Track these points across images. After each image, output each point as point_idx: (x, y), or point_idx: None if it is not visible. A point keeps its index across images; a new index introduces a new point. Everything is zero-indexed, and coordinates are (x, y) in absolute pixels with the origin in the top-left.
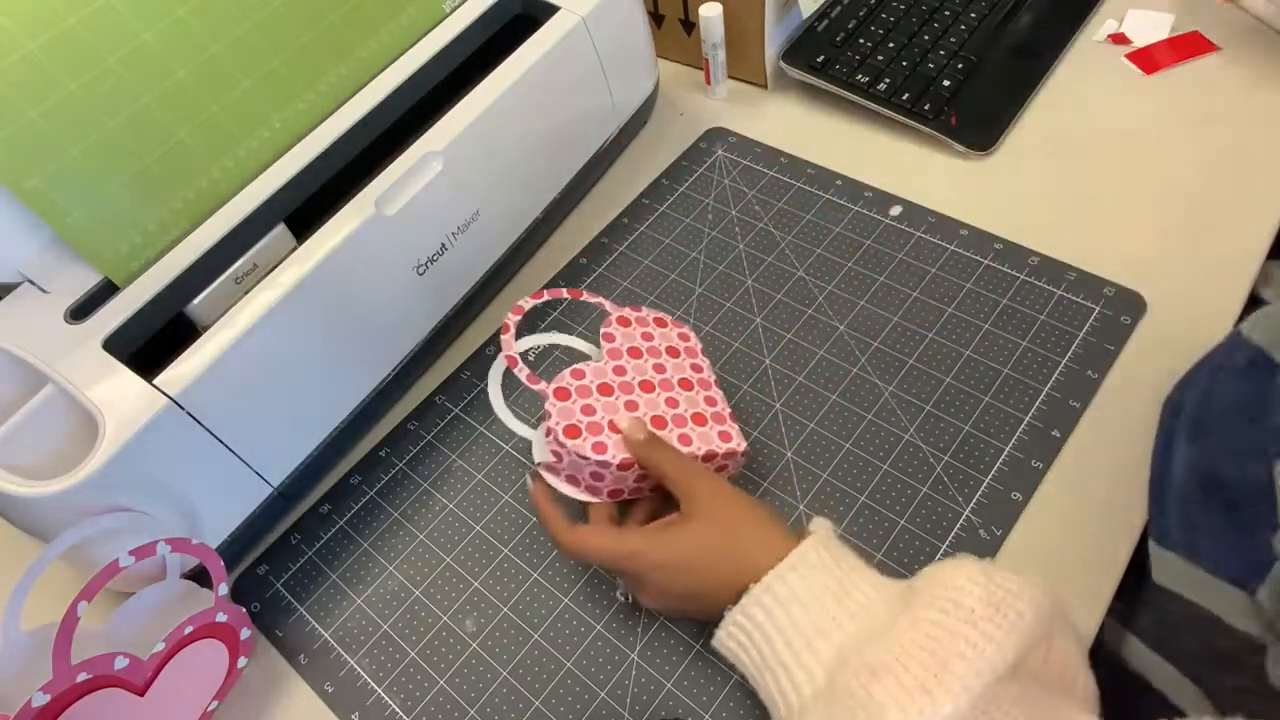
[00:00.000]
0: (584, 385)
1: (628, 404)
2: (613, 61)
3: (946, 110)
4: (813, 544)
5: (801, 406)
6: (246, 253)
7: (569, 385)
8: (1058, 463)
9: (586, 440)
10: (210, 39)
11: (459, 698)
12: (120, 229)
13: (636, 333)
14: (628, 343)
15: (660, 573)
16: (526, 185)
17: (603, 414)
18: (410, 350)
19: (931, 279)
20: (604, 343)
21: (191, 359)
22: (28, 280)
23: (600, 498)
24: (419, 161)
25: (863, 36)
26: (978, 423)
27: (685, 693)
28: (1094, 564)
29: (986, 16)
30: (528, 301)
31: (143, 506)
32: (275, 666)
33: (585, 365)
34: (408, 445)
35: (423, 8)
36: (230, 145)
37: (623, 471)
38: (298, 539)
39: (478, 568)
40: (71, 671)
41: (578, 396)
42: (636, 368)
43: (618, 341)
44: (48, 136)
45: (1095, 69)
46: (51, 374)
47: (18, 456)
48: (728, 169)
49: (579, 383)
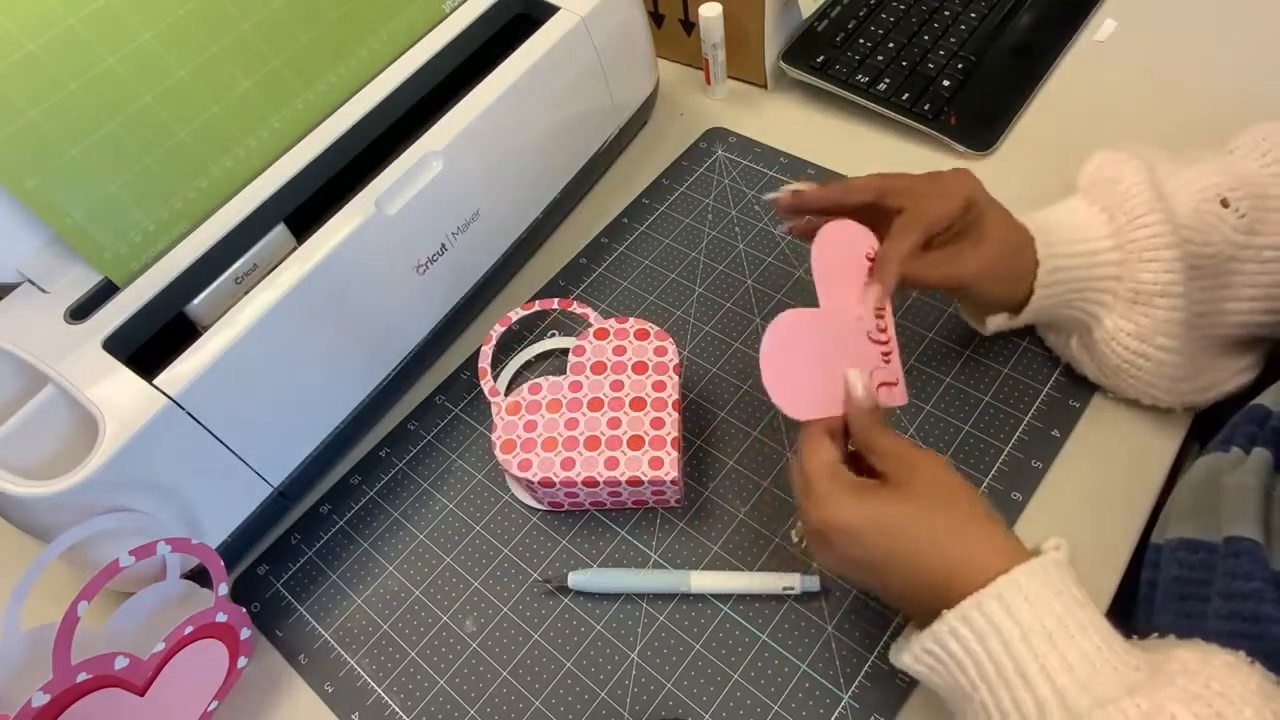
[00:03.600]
0: (535, 401)
1: (569, 421)
2: (613, 61)
3: (946, 110)
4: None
5: None
6: (246, 253)
7: (522, 400)
8: (1058, 463)
9: (515, 457)
10: (210, 39)
11: (459, 698)
12: (120, 229)
13: (609, 346)
14: (596, 357)
15: (843, 537)
16: (526, 185)
17: (542, 431)
18: (410, 350)
19: None
20: (572, 356)
21: (191, 359)
22: (28, 280)
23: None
24: (419, 161)
25: (863, 36)
26: (978, 423)
27: (685, 693)
28: (1095, 563)
29: (986, 16)
30: (517, 313)
31: (143, 506)
32: (275, 666)
33: (545, 380)
34: (408, 445)
35: (423, 8)
36: (230, 145)
37: (547, 488)
38: (298, 539)
39: (478, 568)
40: (71, 671)
41: (526, 412)
42: (593, 384)
43: (585, 355)
44: (48, 136)
45: (1095, 69)
46: (51, 374)
47: (18, 456)
48: (728, 169)
49: (532, 398)
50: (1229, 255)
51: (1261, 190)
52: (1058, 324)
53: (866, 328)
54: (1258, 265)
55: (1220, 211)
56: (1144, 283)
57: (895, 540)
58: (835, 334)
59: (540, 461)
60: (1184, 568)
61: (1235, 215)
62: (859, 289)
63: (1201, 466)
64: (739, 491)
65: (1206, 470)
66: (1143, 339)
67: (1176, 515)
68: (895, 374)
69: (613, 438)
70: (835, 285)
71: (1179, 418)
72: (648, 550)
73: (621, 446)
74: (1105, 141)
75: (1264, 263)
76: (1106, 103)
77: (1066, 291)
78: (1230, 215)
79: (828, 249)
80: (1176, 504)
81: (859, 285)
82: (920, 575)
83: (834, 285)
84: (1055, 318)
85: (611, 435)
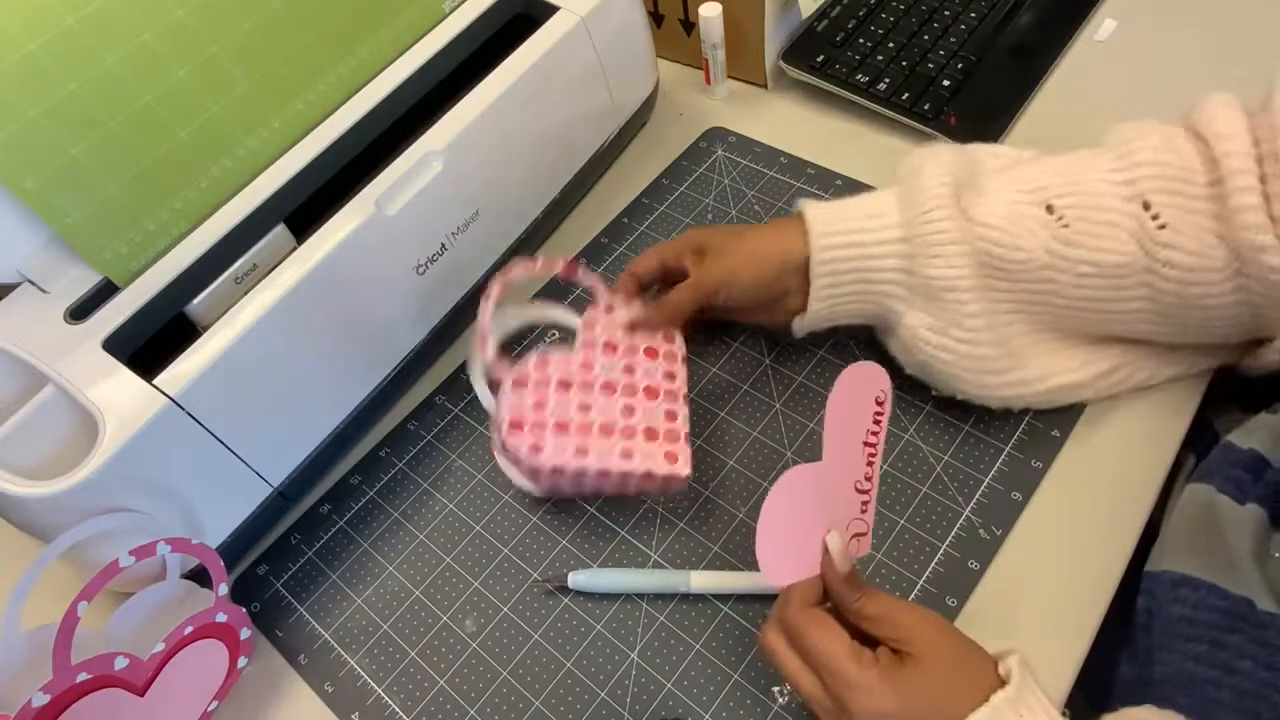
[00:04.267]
0: (544, 377)
1: (582, 404)
2: (612, 62)
3: (946, 110)
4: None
5: (801, 406)
6: (246, 253)
7: (529, 374)
8: (1057, 462)
9: (525, 439)
10: (210, 39)
11: (459, 698)
12: (120, 229)
13: (619, 325)
14: (606, 334)
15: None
16: (526, 185)
17: (553, 411)
18: (410, 350)
19: None
20: (582, 329)
21: (191, 359)
22: (28, 280)
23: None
24: (419, 161)
25: (862, 36)
26: (977, 422)
27: (685, 693)
28: (1095, 563)
29: (986, 16)
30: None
31: (143, 507)
32: (275, 666)
33: (553, 354)
34: (408, 445)
35: (423, 8)
36: (230, 145)
37: (555, 475)
38: (298, 539)
39: (478, 568)
40: (71, 671)
41: (534, 388)
42: (605, 365)
43: (596, 331)
44: (48, 136)
45: (1095, 69)
46: (51, 374)
47: (18, 456)
48: (728, 169)
49: (540, 373)
50: (1044, 263)
51: (1095, 201)
52: (872, 322)
53: (855, 477)
54: (1073, 278)
55: (1040, 217)
56: (932, 277)
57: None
58: (829, 486)
59: (554, 446)
60: (1187, 607)
61: (1058, 223)
62: (861, 433)
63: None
64: (739, 491)
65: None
66: (939, 331)
67: (1172, 548)
68: (868, 523)
69: (628, 427)
70: (838, 431)
71: (1179, 412)
72: (648, 550)
73: (636, 437)
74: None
75: (1080, 276)
76: (1106, 103)
77: (851, 279)
78: (1053, 222)
79: (844, 392)
80: (1171, 535)
81: (862, 428)
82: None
83: (837, 431)
84: (858, 312)
85: (627, 424)
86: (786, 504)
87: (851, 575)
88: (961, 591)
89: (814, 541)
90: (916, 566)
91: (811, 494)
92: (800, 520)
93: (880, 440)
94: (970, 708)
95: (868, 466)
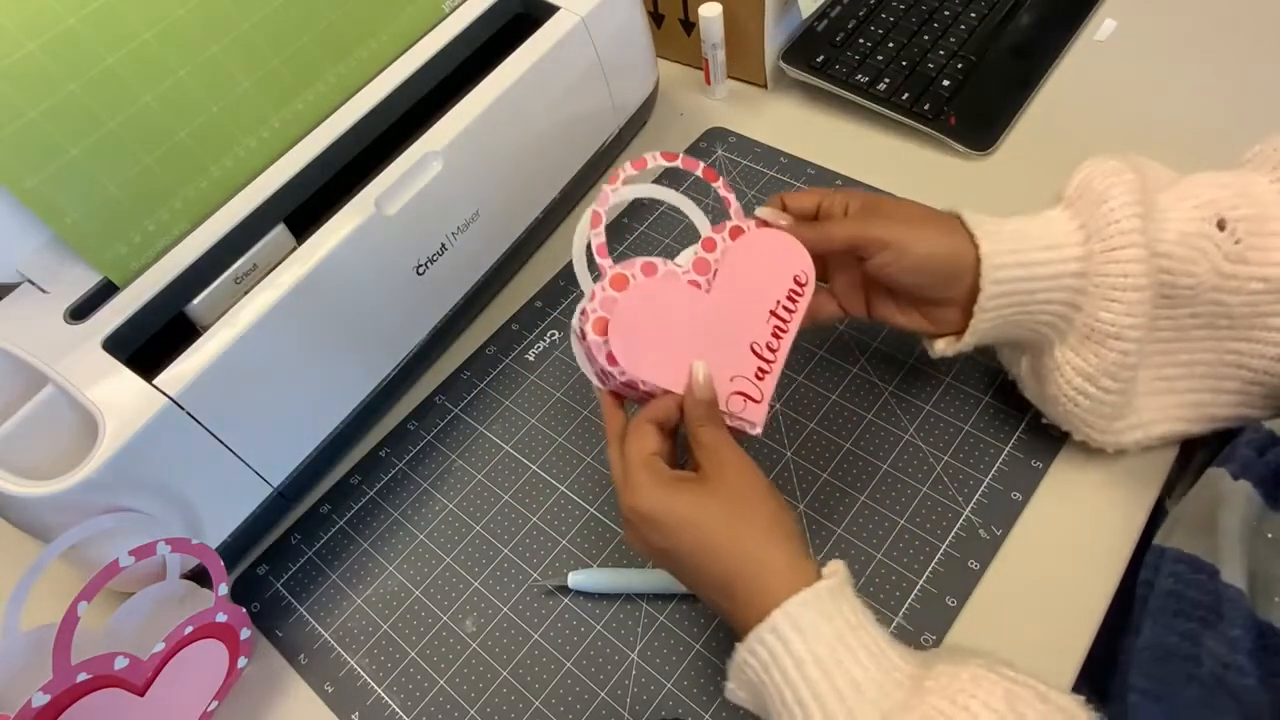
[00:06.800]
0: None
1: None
2: (612, 62)
3: (946, 110)
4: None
5: (801, 406)
6: (246, 253)
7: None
8: (1057, 462)
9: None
10: (210, 39)
11: (459, 698)
12: (120, 229)
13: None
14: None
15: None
16: (526, 185)
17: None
18: (410, 350)
19: None
20: (701, 250)
21: (191, 359)
22: (28, 280)
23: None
24: (419, 161)
25: (862, 36)
26: (977, 422)
27: (685, 693)
28: (1095, 563)
29: (986, 16)
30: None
31: (143, 506)
32: (275, 666)
33: (660, 263)
34: (408, 445)
35: (422, 8)
36: (230, 145)
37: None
38: (298, 539)
39: (478, 568)
40: (71, 671)
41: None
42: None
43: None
44: (48, 136)
45: (1095, 69)
46: (51, 374)
47: (18, 456)
48: (728, 169)
49: (644, 279)
50: (1212, 285)
51: (1265, 210)
52: (1011, 341)
53: (754, 338)
54: (1244, 299)
55: (1214, 235)
56: (1102, 320)
57: (692, 535)
58: (712, 323)
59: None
60: (1179, 583)
61: (1230, 240)
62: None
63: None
64: None
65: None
66: (1088, 378)
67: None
68: (760, 394)
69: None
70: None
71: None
72: None
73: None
74: (1105, 141)
75: (1252, 295)
76: (1106, 103)
77: (1014, 311)
78: (1225, 240)
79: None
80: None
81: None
82: (710, 575)
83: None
84: (1005, 336)
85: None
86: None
87: (712, 404)
88: (961, 591)
89: (677, 359)
90: (916, 566)
91: (684, 312)
92: (667, 328)
93: (793, 322)
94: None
95: (773, 338)
